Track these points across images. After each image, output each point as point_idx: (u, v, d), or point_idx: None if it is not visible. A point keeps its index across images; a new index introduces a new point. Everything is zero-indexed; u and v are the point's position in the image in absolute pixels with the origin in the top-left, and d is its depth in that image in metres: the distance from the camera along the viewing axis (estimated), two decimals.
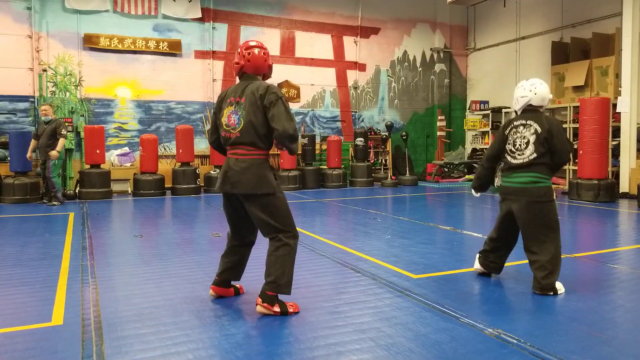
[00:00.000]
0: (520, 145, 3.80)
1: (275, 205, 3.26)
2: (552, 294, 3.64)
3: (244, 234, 3.54)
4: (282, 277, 3.20)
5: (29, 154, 9.13)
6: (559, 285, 3.71)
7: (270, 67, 3.48)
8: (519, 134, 3.82)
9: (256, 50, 3.37)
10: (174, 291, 3.78)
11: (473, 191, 4.26)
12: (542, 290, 3.65)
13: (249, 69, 3.37)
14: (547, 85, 3.92)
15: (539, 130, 3.72)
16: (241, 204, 3.38)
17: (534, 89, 3.84)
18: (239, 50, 3.41)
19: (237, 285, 3.73)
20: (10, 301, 3.62)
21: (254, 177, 3.22)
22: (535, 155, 3.72)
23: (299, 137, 3.21)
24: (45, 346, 2.79)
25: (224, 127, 3.36)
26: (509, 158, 3.88)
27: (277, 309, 3.21)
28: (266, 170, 3.28)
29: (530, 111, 3.86)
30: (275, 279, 3.19)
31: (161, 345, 2.80)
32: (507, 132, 3.92)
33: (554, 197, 3.79)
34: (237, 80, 3.48)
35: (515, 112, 4.01)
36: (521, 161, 3.78)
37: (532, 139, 3.74)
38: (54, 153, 8.74)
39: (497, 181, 4.21)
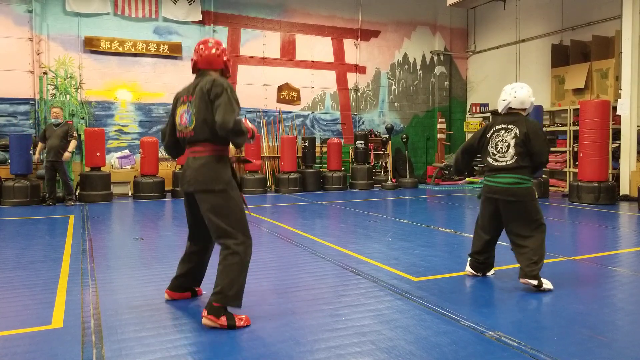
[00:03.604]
0: (501, 148, 3.92)
1: (225, 206, 3.13)
2: (535, 284, 3.72)
3: (200, 237, 3.44)
4: (230, 288, 3.03)
5: (36, 156, 9.38)
6: (545, 281, 3.77)
7: (226, 64, 3.37)
8: (500, 138, 3.95)
9: (210, 45, 3.32)
10: None
11: (454, 176, 4.44)
12: (525, 277, 3.73)
13: (202, 64, 3.30)
14: (530, 90, 4.00)
15: (518, 133, 3.84)
16: (197, 205, 3.26)
17: (514, 92, 3.96)
18: (195, 47, 3.37)
19: (195, 288, 3.70)
20: (11, 304, 3.62)
21: (208, 174, 3.13)
22: (516, 158, 3.84)
23: (245, 130, 3.00)
24: (45, 349, 2.78)
25: (178, 127, 3.30)
26: (490, 160, 3.99)
27: (223, 322, 3.02)
28: (222, 167, 3.18)
29: (511, 114, 3.98)
30: (221, 290, 3.03)
31: (161, 348, 2.79)
32: (490, 134, 4.04)
33: (536, 196, 3.91)
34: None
35: (499, 114, 4.12)
36: (503, 164, 3.90)
37: (512, 142, 3.86)
38: (67, 155, 9.14)
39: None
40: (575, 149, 10.71)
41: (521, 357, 2.65)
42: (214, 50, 3.31)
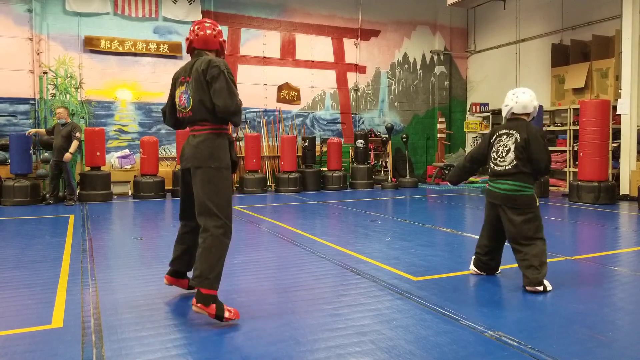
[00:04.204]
0: (502, 152, 3.94)
1: (216, 184, 3.16)
2: (541, 289, 3.72)
3: (191, 215, 3.44)
4: (210, 271, 3.06)
5: (31, 131, 9.45)
6: (546, 283, 3.78)
7: (221, 45, 3.42)
8: (502, 143, 3.97)
9: (206, 25, 3.38)
10: (174, 293, 3.77)
11: (449, 184, 4.52)
12: (531, 285, 3.73)
13: (198, 43, 3.34)
14: (533, 95, 4.01)
15: (519, 138, 3.86)
16: (192, 182, 3.29)
17: (516, 97, 3.98)
18: (190, 27, 3.41)
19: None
20: (11, 303, 3.62)
21: (205, 150, 3.17)
22: (515, 162, 3.85)
23: (241, 110, 3.17)
24: (45, 349, 2.78)
25: (178, 107, 3.37)
26: (492, 165, 4.03)
27: (212, 310, 3.05)
28: (220, 144, 3.22)
29: (514, 120, 4.00)
30: (200, 273, 3.06)
31: (161, 348, 2.79)
32: (493, 140, 4.07)
33: (537, 204, 3.91)
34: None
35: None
36: (503, 168, 3.91)
37: (512, 147, 3.88)
38: (67, 155, 9.07)
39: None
40: (575, 148, 10.71)
41: (521, 356, 2.65)
42: (209, 31, 3.37)
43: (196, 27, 3.38)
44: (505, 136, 3.96)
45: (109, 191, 10.04)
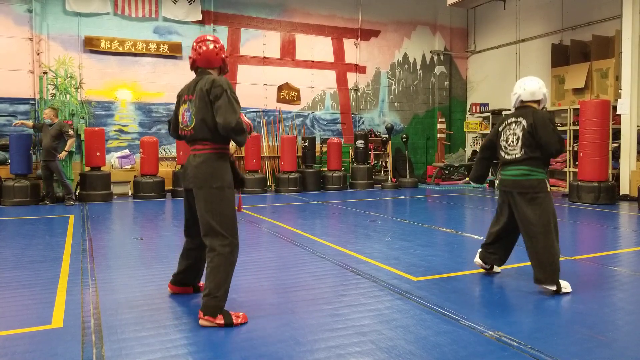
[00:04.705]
0: (512, 141, 3.93)
1: (219, 203, 3.18)
2: (554, 289, 3.68)
3: (196, 233, 3.46)
4: (217, 290, 3.11)
5: (18, 122, 9.51)
6: (564, 284, 3.74)
7: (224, 61, 3.43)
8: (510, 131, 3.96)
9: (208, 43, 3.37)
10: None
11: (472, 183, 4.47)
12: (539, 283, 3.71)
13: (201, 62, 3.36)
14: (541, 82, 4.00)
15: (526, 125, 3.83)
16: (194, 203, 3.32)
17: (524, 84, 3.99)
18: (193, 44, 3.42)
19: (198, 284, 3.76)
20: (11, 304, 3.62)
21: (207, 170, 3.19)
22: (524, 150, 3.83)
23: (245, 129, 3.13)
24: (45, 349, 2.78)
25: (180, 125, 3.40)
26: (502, 154, 4.02)
27: (220, 320, 3.09)
28: (221, 165, 3.24)
29: (522, 108, 3.99)
30: (209, 292, 3.11)
31: (161, 348, 2.79)
32: (502, 129, 4.06)
33: (548, 189, 3.83)
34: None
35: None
36: (513, 157, 3.90)
37: (520, 134, 3.86)
38: (63, 154, 9.11)
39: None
40: (575, 148, 10.71)
41: (521, 357, 2.65)
42: (212, 47, 3.37)
43: (198, 44, 3.37)
44: (513, 124, 3.93)
45: (109, 191, 10.04)
